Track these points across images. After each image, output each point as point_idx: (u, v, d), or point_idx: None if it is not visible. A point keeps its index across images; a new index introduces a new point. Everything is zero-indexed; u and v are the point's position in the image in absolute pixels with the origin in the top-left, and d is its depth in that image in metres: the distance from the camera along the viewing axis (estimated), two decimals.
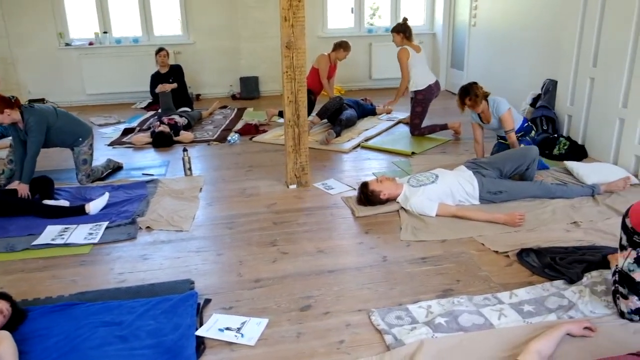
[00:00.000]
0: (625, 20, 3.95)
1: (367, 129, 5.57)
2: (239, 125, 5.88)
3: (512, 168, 3.67)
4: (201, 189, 4.02)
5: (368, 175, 4.21)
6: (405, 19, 5.34)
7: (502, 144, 4.29)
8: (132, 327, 2.30)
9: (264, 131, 5.66)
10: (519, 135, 4.14)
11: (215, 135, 5.51)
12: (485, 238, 3.07)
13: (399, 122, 5.90)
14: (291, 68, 3.64)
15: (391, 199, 3.53)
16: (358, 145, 5.07)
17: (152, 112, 6.54)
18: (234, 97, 7.55)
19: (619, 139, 4.19)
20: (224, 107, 6.89)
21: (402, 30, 5.21)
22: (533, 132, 4.29)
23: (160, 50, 6.49)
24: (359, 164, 4.59)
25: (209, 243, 3.15)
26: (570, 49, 4.64)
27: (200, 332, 2.28)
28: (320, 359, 2.12)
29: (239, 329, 2.31)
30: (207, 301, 2.53)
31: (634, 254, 2.16)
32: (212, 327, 2.32)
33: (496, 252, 2.92)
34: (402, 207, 3.49)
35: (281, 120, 5.75)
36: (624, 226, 2.20)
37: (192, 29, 7.37)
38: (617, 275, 2.30)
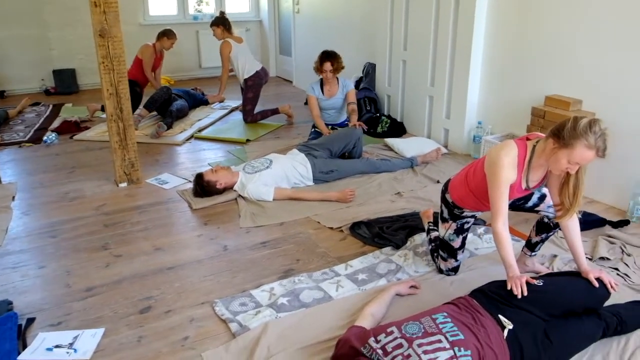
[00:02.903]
0: (427, 8, 4.38)
1: (200, 119, 5.45)
2: (57, 124, 5.32)
3: (340, 147, 3.88)
4: (14, 197, 3.57)
5: (204, 166, 4.12)
6: (222, 12, 5.47)
7: (316, 132, 4.53)
8: None
9: (87, 128, 5.21)
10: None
11: (28, 136, 4.93)
12: (320, 216, 3.22)
13: (233, 110, 5.87)
14: (108, 58, 3.38)
15: (228, 188, 3.51)
16: (191, 137, 4.93)
17: None
18: (47, 92, 6.79)
19: (430, 115, 4.67)
20: (36, 104, 6.17)
21: (221, 23, 5.32)
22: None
23: None
24: (194, 155, 4.47)
25: (27, 256, 2.82)
26: (384, 34, 5.02)
27: (23, 356, 2.04)
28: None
29: (71, 344, 2.12)
30: (31, 320, 2.27)
31: (454, 225, 2.42)
32: (39, 347, 2.10)
33: (331, 228, 3.08)
34: (239, 195, 3.49)
35: (105, 115, 5.35)
36: (444, 200, 2.45)
37: None
38: (435, 241, 2.58)
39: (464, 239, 2.46)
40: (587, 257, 2.36)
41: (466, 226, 2.44)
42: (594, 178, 3.13)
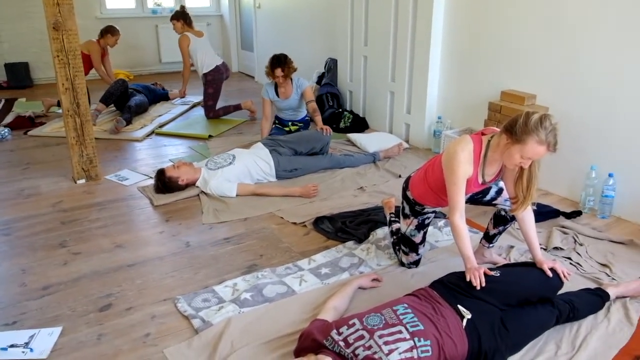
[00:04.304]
0: (387, 4, 4.43)
1: (160, 115, 5.36)
2: (9, 119, 5.14)
3: (306, 149, 3.87)
4: None
5: (165, 162, 4.06)
6: (182, 6, 5.42)
7: (279, 129, 4.51)
8: None
9: (42, 123, 5.05)
10: (300, 125, 4.49)
11: None
12: (283, 212, 3.22)
13: (194, 105, 5.80)
14: (63, 52, 3.29)
15: (190, 184, 3.47)
16: (152, 132, 4.85)
17: None
18: None
19: (391, 110, 4.73)
20: None
21: (181, 17, 5.26)
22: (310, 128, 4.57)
23: None
24: (155, 151, 4.39)
25: None
26: (345, 30, 5.04)
27: None
28: (126, 357, 2.01)
29: (26, 343, 2.06)
30: None
31: (415, 222, 2.46)
32: None
33: (294, 223, 3.08)
34: (202, 191, 3.45)
35: (61, 110, 5.20)
36: (405, 197, 2.48)
37: None
38: (397, 233, 2.61)
39: (425, 233, 2.51)
40: (541, 248, 2.44)
41: (427, 221, 2.48)
42: (548, 170, 3.24)
